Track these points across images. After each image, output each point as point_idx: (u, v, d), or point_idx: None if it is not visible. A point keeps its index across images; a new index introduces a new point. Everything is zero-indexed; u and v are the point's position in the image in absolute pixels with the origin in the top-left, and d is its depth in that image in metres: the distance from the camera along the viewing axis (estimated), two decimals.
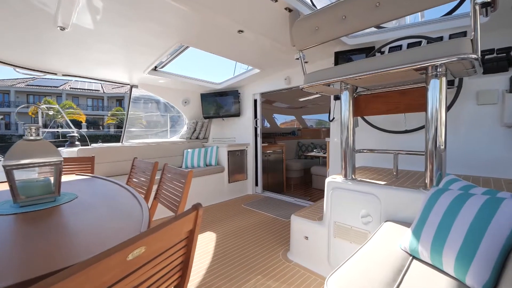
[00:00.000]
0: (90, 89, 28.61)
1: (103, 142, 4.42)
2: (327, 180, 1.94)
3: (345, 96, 1.83)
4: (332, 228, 1.88)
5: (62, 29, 2.26)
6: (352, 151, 1.85)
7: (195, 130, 4.75)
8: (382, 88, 1.91)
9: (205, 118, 4.82)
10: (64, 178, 2.00)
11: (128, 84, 3.93)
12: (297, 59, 1.98)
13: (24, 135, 1.35)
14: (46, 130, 4.65)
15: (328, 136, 3.32)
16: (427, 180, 1.52)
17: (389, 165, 2.40)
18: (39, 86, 26.12)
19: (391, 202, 1.60)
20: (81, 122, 25.98)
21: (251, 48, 2.90)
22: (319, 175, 5.01)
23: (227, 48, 2.89)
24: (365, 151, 1.99)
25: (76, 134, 3.88)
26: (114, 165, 3.46)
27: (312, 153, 5.58)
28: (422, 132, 2.35)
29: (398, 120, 2.50)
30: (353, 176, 1.86)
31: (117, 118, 26.43)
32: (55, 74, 3.23)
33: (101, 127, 28.35)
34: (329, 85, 1.89)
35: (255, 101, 4.49)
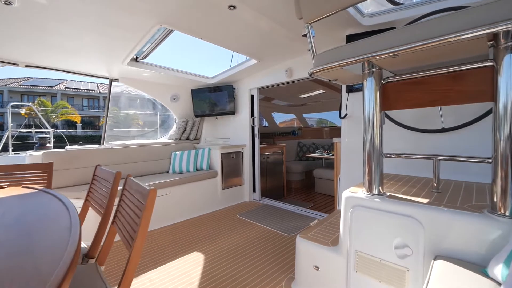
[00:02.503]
0: (86, 89, 28.03)
1: (98, 143, 3.96)
2: (344, 194, 1.47)
3: (370, 84, 1.36)
4: (352, 258, 1.41)
5: (7, 3, 1.80)
6: (380, 155, 1.38)
7: (185, 129, 4.27)
8: (415, 72, 1.42)
9: (196, 116, 4.34)
10: (4, 192, 1.53)
11: (107, 78, 3.46)
12: (304, 35, 1.51)
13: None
14: (18, 130, 4.18)
15: (333, 136, 2.85)
16: (496, 198, 1.05)
17: (416, 172, 1.95)
18: (33, 86, 25.54)
19: (439, 230, 1.13)
20: (76, 122, 25.37)
21: (245, 31, 2.42)
22: (323, 178, 4.57)
23: (217, 30, 2.41)
24: (393, 156, 1.51)
25: (48, 136, 3.41)
26: (87, 171, 2.96)
27: (314, 154, 5.13)
28: (464, 131, 1.87)
29: (427, 115, 2.04)
30: (380, 189, 1.39)
31: (112, 118, 25.86)
32: (16, 64, 2.75)
33: (97, 127, 27.76)
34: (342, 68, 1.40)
35: (252, 97, 4.01)
